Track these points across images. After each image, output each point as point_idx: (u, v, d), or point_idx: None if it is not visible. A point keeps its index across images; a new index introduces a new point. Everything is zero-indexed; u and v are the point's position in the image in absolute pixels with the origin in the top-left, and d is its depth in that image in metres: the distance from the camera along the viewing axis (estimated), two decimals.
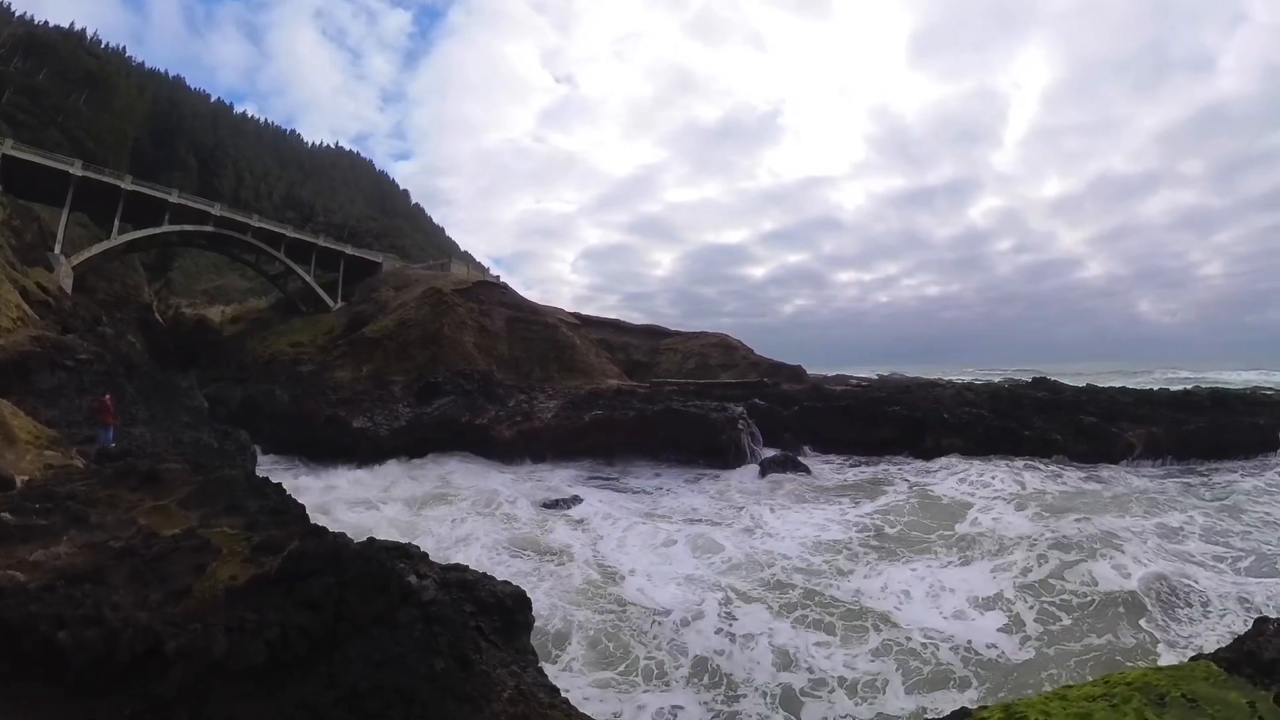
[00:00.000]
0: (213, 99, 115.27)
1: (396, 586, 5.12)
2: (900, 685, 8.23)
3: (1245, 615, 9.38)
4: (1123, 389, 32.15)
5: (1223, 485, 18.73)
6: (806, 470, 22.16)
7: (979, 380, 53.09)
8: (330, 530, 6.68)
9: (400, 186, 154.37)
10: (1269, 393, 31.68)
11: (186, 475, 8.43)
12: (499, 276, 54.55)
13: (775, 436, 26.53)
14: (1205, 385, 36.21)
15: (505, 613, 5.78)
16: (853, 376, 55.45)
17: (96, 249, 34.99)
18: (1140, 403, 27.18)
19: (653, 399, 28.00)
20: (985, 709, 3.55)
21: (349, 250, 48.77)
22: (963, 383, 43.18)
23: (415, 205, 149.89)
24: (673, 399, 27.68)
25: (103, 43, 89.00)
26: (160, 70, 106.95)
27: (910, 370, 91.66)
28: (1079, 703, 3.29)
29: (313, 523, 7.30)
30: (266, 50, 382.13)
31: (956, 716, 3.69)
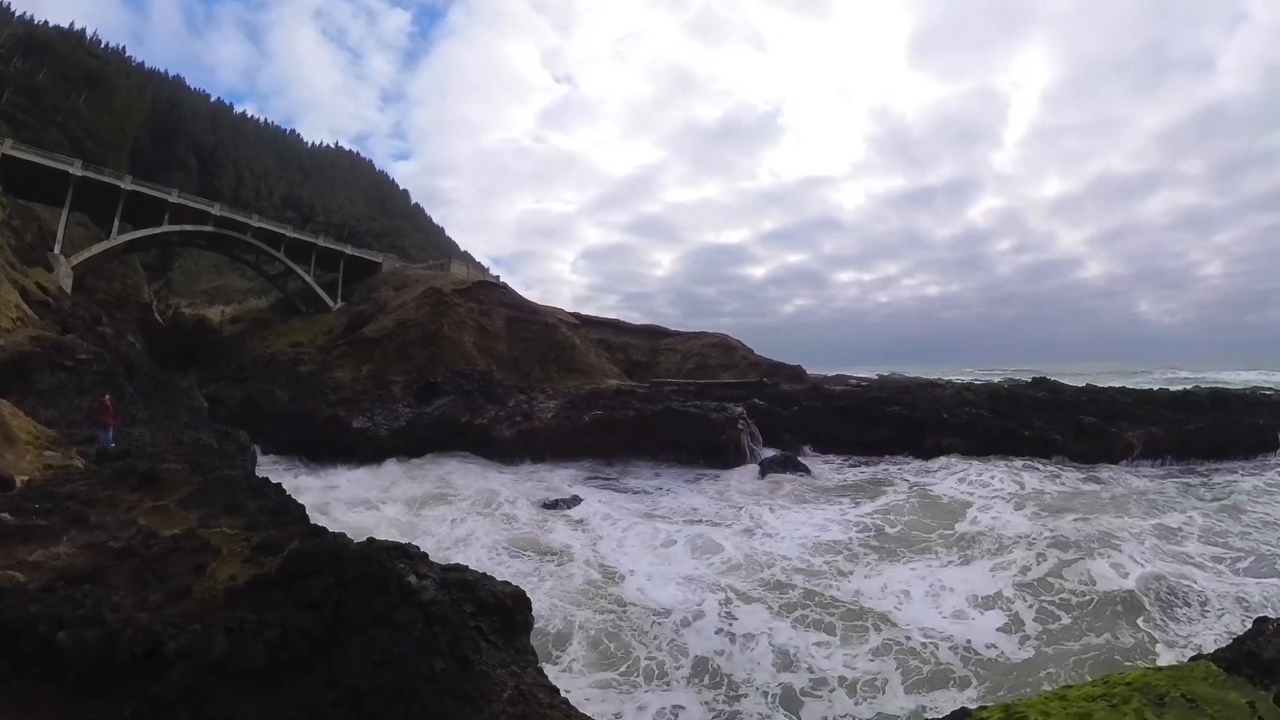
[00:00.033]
0: (213, 99, 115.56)
1: (396, 587, 5.13)
2: (900, 685, 8.24)
3: (1244, 615, 9.40)
4: (1122, 389, 32.15)
5: (1222, 485, 18.75)
6: (806, 470, 22.15)
7: (979, 380, 53.17)
8: (330, 530, 6.70)
9: (400, 186, 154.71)
10: (1269, 393, 31.72)
11: (186, 475, 8.43)
12: (499, 276, 54.56)
13: (775, 436, 26.54)
14: (1205, 385, 36.23)
15: (505, 613, 5.79)
16: (852, 376, 55.48)
17: (96, 249, 34.98)
18: (1140, 403, 27.19)
19: (652, 399, 28.00)
20: (985, 709, 3.55)
21: (349, 250, 48.74)
22: (962, 383, 43.20)
23: (415, 205, 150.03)
24: (672, 399, 27.68)
25: (102, 43, 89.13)
26: (160, 70, 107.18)
27: (910, 370, 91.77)
28: (1079, 703, 3.29)
29: (312, 523, 7.32)
30: (266, 50, 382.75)
31: (956, 716, 3.70)
